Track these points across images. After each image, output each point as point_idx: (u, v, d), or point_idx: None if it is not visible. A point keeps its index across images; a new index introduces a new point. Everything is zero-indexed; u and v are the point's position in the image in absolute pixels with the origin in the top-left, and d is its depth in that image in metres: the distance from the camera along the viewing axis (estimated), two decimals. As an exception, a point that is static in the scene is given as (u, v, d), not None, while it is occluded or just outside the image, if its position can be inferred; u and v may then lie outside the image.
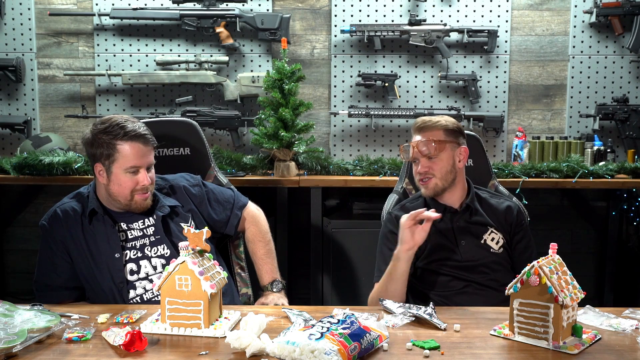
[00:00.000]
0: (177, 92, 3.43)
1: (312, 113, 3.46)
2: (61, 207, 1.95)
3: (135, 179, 1.89)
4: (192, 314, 1.52)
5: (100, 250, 1.90)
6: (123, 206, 1.93)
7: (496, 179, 2.36)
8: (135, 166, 1.88)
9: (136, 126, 1.90)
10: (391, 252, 2.01)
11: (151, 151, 1.93)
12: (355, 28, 3.32)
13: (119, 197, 1.91)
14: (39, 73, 3.47)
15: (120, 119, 1.91)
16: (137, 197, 1.91)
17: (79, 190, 2.01)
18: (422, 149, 2.00)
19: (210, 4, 3.31)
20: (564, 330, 1.46)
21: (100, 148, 1.88)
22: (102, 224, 1.92)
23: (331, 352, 1.30)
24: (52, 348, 1.44)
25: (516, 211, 2.09)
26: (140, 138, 1.89)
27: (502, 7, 3.42)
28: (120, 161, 1.87)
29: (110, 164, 1.88)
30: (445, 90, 3.47)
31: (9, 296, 3.45)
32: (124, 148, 1.87)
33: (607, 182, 3.06)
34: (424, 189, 2.03)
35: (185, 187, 2.08)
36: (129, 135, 1.87)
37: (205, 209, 2.09)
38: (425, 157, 2.00)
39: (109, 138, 1.87)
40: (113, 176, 1.89)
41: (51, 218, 1.93)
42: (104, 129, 1.88)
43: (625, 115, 3.34)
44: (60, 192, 3.54)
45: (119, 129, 1.87)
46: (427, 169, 2.00)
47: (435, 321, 1.59)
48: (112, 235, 1.91)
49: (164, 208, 1.98)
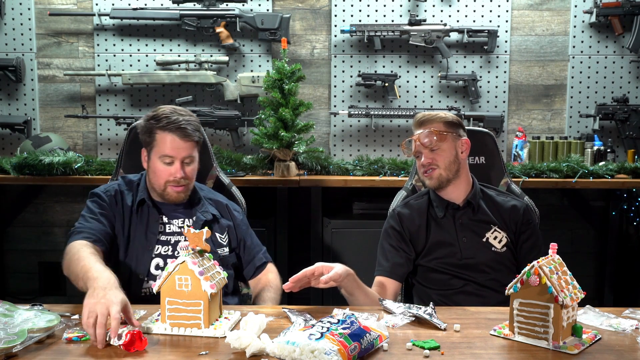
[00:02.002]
0: (177, 92, 3.43)
1: (312, 113, 3.46)
2: (115, 187, 1.99)
3: (169, 170, 1.92)
4: (192, 314, 1.51)
5: (135, 239, 1.93)
6: (158, 195, 1.97)
7: (510, 177, 2.33)
8: (168, 156, 1.91)
9: (180, 119, 1.93)
10: (391, 248, 2.04)
11: (191, 146, 1.94)
12: (355, 28, 3.32)
13: (154, 185, 1.96)
14: (39, 73, 3.47)
15: (169, 109, 1.96)
16: (169, 189, 1.94)
17: (130, 178, 2.04)
18: (424, 141, 2.00)
19: (210, 4, 3.31)
20: (564, 330, 1.46)
21: (144, 134, 1.96)
22: (147, 214, 1.95)
23: (331, 352, 1.30)
24: (52, 348, 1.44)
25: (522, 210, 2.06)
26: (178, 130, 1.91)
27: (502, 7, 3.42)
28: (156, 149, 1.93)
29: (150, 150, 1.95)
30: (445, 90, 3.47)
31: (9, 296, 3.45)
32: (161, 137, 1.92)
33: (607, 182, 3.06)
34: (429, 180, 2.03)
35: (227, 205, 2.11)
36: (168, 125, 1.91)
37: (240, 233, 2.08)
38: (428, 149, 2.01)
39: (151, 125, 1.93)
40: (151, 163, 1.95)
41: (106, 191, 1.97)
42: (151, 117, 1.95)
43: (625, 115, 3.34)
44: (60, 192, 3.56)
45: (163, 118, 1.92)
46: (430, 160, 2.00)
47: (435, 321, 1.59)
48: (153, 225, 1.94)
49: (207, 214, 2.01)
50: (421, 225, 2.05)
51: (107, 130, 3.46)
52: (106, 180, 2.34)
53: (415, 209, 2.08)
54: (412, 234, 2.04)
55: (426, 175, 2.03)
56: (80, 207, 3.53)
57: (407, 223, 2.05)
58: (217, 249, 1.99)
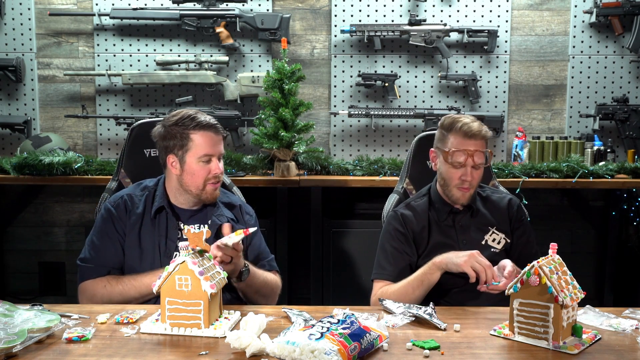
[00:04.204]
0: (177, 92, 3.43)
1: (312, 113, 3.46)
2: (128, 196, 1.99)
3: (208, 168, 1.93)
4: (192, 314, 1.52)
5: (151, 246, 1.93)
6: (194, 197, 1.97)
7: (496, 178, 2.36)
8: (207, 154, 1.93)
9: (207, 117, 1.96)
10: (395, 251, 2.01)
11: (221, 141, 1.98)
12: (355, 28, 3.32)
13: (191, 187, 1.95)
14: (39, 73, 3.47)
15: (190, 111, 1.97)
16: (208, 187, 1.95)
17: (145, 184, 2.04)
18: (477, 161, 1.96)
19: (210, 4, 3.31)
20: (564, 330, 1.46)
21: (173, 139, 1.93)
22: (165, 220, 1.95)
23: (331, 352, 1.30)
24: (52, 348, 1.44)
25: (517, 206, 2.10)
26: (211, 127, 1.94)
27: (502, 7, 3.42)
28: (194, 150, 1.92)
29: (183, 153, 1.93)
30: (445, 90, 3.47)
31: (9, 296, 3.45)
32: (197, 137, 1.92)
33: (607, 182, 3.05)
34: (462, 195, 2.00)
35: (241, 206, 2.11)
36: (200, 125, 1.93)
37: (249, 237, 2.04)
38: (475, 166, 1.97)
39: (182, 129, 1.93)
40: (186, 166, 1.93)
41: (118, 204, 1.97)
42: (176, 121, 1.94)
43: (625, 115, 3.34)
44: (60, 192, 3.56)
45: (190, 120, 1.93)
46: (472, 178, 1.97)
47: (435, 321, 1.59)
48: (172, 232, 1.95)
49: (223, 217, 2.00)
50: (424, 226, 2.04)
51: (107, 130, 3.46)
52: (106, 180, 2.34)
53: (417, 211, 2.07)
54: (416, 235, 2.04)
55: (462, 190, 1.99)
56: (80, 207, 3.57)
57: (410, 224, 2.05)
58: None
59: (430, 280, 1.87)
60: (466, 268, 1.78)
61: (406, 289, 1.89)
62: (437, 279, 1.86)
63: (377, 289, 1.97)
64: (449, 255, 1.85)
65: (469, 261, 1.78)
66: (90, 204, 3.53)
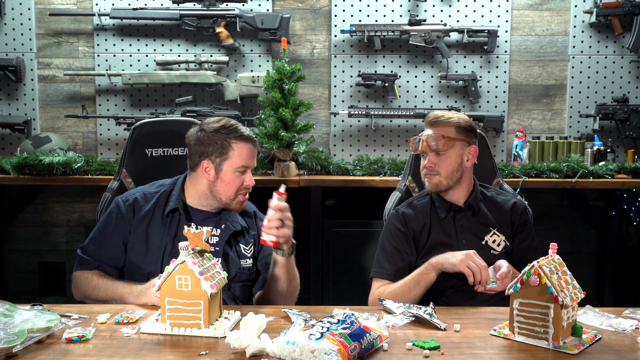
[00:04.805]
0: (177, 92, 3.43)
1: (312, 113, 3.46)
2: (141, 195, 1.98)
3: (242, 179, 1.93)
4: (192, 314, 1.51)
5: (157, 245, 1.91)
6: (222, 204, 1.95)
7: (501, 177, 2.34)
8: (245, 166, 1.93)
9: (247, 129, 1.96)
10: (394, 250, 2.01)
11: (256, 155, 1.99)
12: (355, 28, 3.32)
13: (222, 195, 1.93)
14: (39, 73, 3.47)
15: (232, 120, 1.96)
16: (239, 197, 1.95)
17: (162, 183, 2.02)
18: (431, 144, 1.99)
19: (210, 4, 3.31)
20: (564, 330, 1.46)
21: (213, 145, 1.91)
22: (177, 222, 1.93)
23: (331, 352, 1.30)
24: (52, 348, 1.44)
25: (521, 210, 2.08)
26: (252, 140, 1.94)
27: (502, 7, 3.42)
28: (232, 160, 1.91)
29: (222, 161, 1.91)
30: (445, 90, 3.47)
31: (9, 296, 3.45)
32: (238, 147, 1.91)
33: (607, 182, 3.06)
34: (428, 183, 2.03)
35: (255, 212, 2.10)
36: (243, 136, 1.92)
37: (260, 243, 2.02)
38: (434, 152, 2.00)
39: (223, 137, 1.91)
40: (222, 174, 1.92)
41: (129, 201, 1.96)
42: (218, 128, 1.92)
43: (625, 115, 3.34)
44: (60, 192, 3.56)
45: (234, 129, 1.92)
46: (433, 164, 2.00)
47: (435, 321, 1.59)
48: (182, 235, 1.91)
49: (236, 224, 1.99)
50: (425, 225, 2.04)
51: (107, 130, 3.46)
52: (107, 181, 2.34)
53: (419, 210, 2.07)
54: (416, 234, 2.04)
55: (426, 177, 2.03)
56: (80, 207, 3.57)
57: (411, 223, 2.05)
58: (240, 260, 1.97)
59: (426, 281, 1.87)
60: (462, 267, 1.78)
61: (403, 289, 1.90)
62: (433, 279, 1.87)
63: (375, 288, 1.98)
64: (445, 255, 1.85)
65: (465, 260, 1.79)
66: (90, 204, 3.54)
